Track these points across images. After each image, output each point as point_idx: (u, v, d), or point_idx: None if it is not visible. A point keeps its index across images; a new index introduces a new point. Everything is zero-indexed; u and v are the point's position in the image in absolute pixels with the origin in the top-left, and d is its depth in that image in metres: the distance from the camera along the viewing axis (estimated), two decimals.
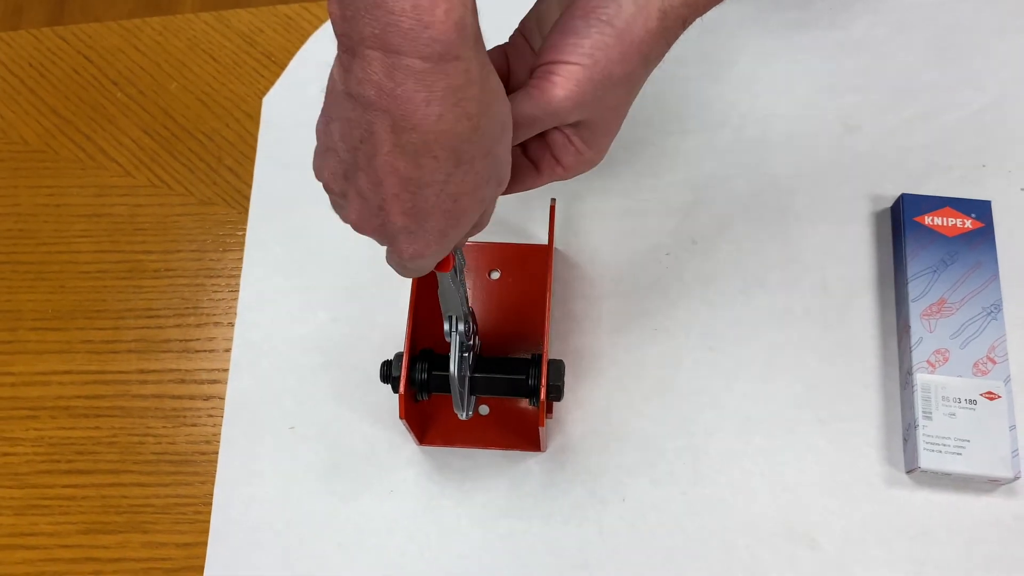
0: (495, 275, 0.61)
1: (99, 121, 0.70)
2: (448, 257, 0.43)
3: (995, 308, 0.55)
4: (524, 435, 0.57)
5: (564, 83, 0.39)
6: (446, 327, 0.50)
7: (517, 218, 0.63)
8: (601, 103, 0.41)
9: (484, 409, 0.58)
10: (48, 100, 0.71)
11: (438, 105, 0.33)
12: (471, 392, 0.53)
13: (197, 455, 0.59)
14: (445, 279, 0.47)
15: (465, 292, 0.50)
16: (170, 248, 0.65)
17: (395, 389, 0.51)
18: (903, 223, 0.59)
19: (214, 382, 0.61)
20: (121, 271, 0.65)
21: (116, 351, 0.62)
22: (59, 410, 0.61)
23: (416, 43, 0.32)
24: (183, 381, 0.61)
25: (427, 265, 0.42)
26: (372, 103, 0.34)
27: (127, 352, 0.62)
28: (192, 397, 0.61)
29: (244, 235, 0.65)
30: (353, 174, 0.37)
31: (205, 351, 0.62)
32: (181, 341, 0.63)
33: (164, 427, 0.60)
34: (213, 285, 0.64)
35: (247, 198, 0.66)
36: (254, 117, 0.69)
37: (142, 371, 0.62)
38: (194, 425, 0.60)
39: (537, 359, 0.52)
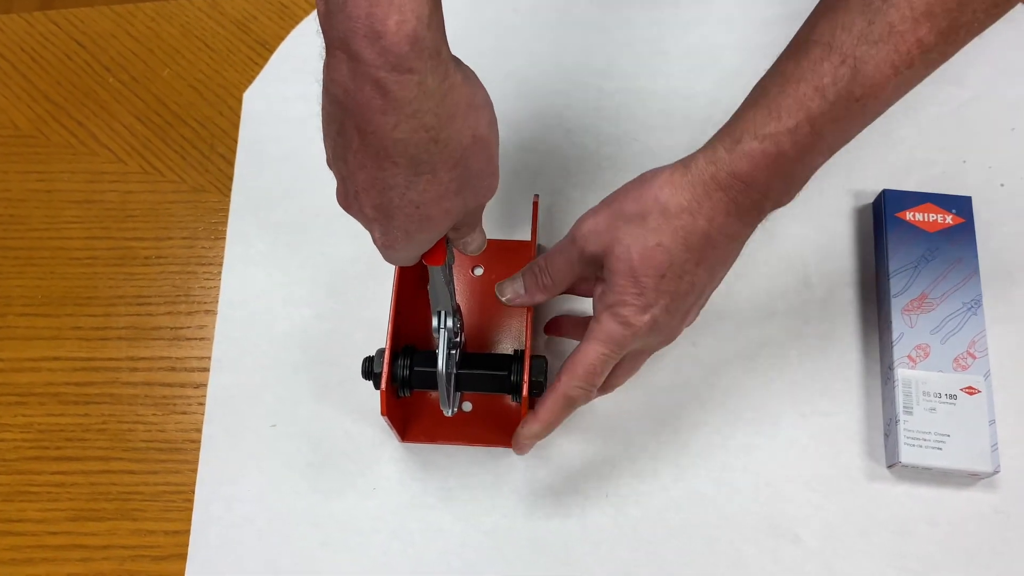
0: (478, 271, 0.61)
1: (91, 107, 0.70)
2: (440, 251, 0.44)
3: (975, 303, 0.56)
4: (507, 431, 0.56)
5: (589, 216, 0.46)
6: (435, 323, 0.50)
7: (501, 214, 0.64)
8: (615, 234, 0.44)
9: (467, 406, 0.59)
10: (40, 85, 0.70)
11: (394, 115, 0.34)
12: (455, 388, 0.53)
13: (187, 443, 0.59)
14: (436, 273, 0.47)
15: (454, 288, 0.50)
16: (161, 235, 0.65)
17: (377, 385, 0.51)
18: (884, 219, 0.59)
19: (204, 370, 0.61)
20: (112, 258, 0.65)
21: (106, 338, 0.62)
22: (48, 396, 0.61)
23: (371, 51, 0.33)
24: (173, 369, 0.61)
25: (403, 258, 0.43)
26: (340, 102, 0.35)
27: (117, 339, 0.62)
28: (182, 385, 0.61)
29: (225, 244, 0.65)
30: (334, 161, 0.40)
31: (196, 339, 0.62)
32: (172, 329, 0.63)
33: (154, 415, 0.60)
34: (205, 273, 0.64)
35: None
36: None
37: (132, 358, 0.62)
38: (184, 413, 0.60)
39: (520, 355, 0.52)
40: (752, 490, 0.55)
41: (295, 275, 0.63)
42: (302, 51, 0.71)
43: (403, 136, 0.35)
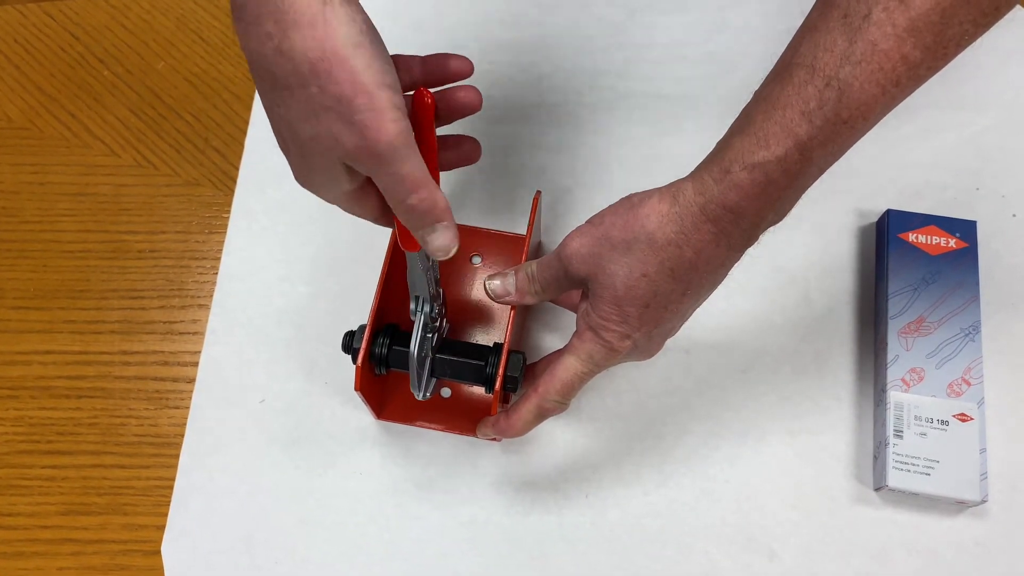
0: (476, 260, 0.61)
1: (85, 99, 0.69)
2: (412, 237, 0.45)
3: (973, 329, 0.55)
4: None
5: (576, 236, 0.45)
6: (412, 307, 0.50)
7: (505, 207, 0.63)
8: (600, 261, 0.44)
9: (446, 392, 0.59)
10: (33, 77, 0.70)
11: (241, 24, 0.38)
12: (431, 374, 0.53)
13: (179, 438, 0.59)
14: (413, 259, 0.48)
15: (437, 275, 0.50)
16: (155, 229, 0.65)
17: (355, 360, 0.51)
18: (887, 239, 0.58)
19: (197, 364, 0.61)
20: (105, 251, 0.65)
21: (99, 332, 0.62)
22: (40, 390, 0.61)
23: None
24: (166, 363, 0.62)
25: (331, 197, 0.44)
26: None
27: (110, 333, 0.62)
28: (175, 379, 0.61)
29: (230, 217, 0.65)
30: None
31: (189, 333, 0.62)
32: (165, 323, 0.63)
33: (146, 409, 0.60)
34: (198, 267, 0.64)
35: (233, 180, 0.66)
36: (242, 98, 0.68)
37: (125, 352, 0.62)
38: (176, 407, 0.60)
39: (498, 348, 0.52)
40: (733, 502, 0.55)
41: (295, 253, 0.63)
42: None
43: (253, 47, 0.36)
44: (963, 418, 0.53)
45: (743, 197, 0.40)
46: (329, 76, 0.36)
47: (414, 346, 0.49)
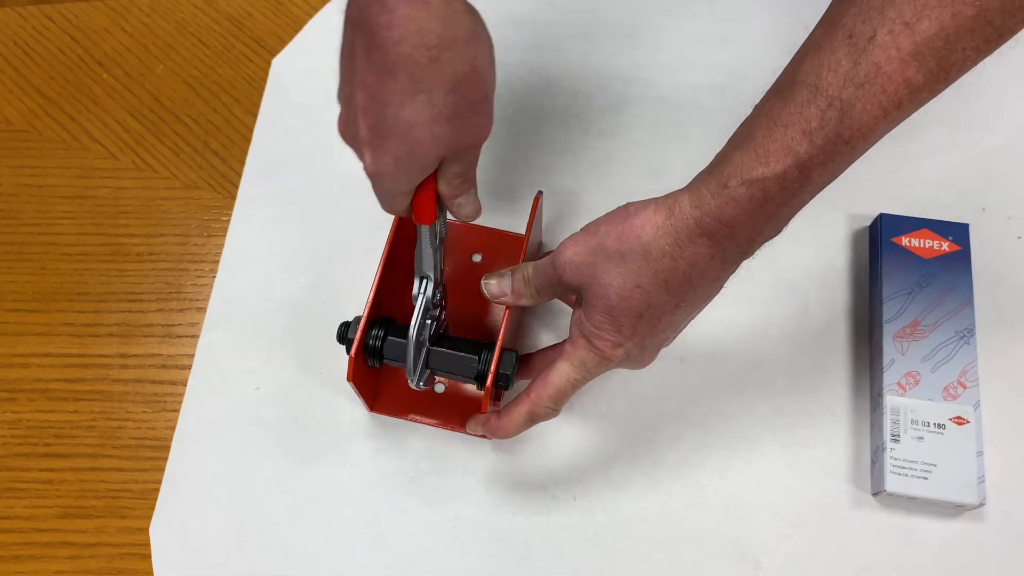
0: (477, 258, 0.61)
1: (84, 102, 0.69)
2: (430, 208, 0.46)
3: (968, 332, 0.56)
4: None
5: (571, 244, 0.45)
6: (415, 288, 0.50)
7: (508, 207, 0.63)
8: (594, 271, 0.44)
9: (440, 387, 0.59)
10: (33, 80, 0.70)
11: (398, 30, 0.38)
12: (425, 365, 0.53)
13: None
14: (424, 234, 0.48)
15: (441, 263, 0.51)
16: (153, 232, 0.65)
17: (348, 351, 0.52)
18: (880, 243, 0.59)
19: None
20: (103, 254, 0.65)
21: (97, 334, 0.62)
22: (38, 393, 0.61)
23: None
24: (164, 366, 0.61)
25: (393, 192, 0.45)
26: (353, 21, 0.40)
27: (108, 336, 0.62)
28: (173, 382, 0.61)
29: (229, 220, 0.65)
30: (340, 89, 0.43)
31: (187, 336, 0.62)
32: (163, 326, 0.63)
33: (144, 412, 0.60)
34: (197, 270, 0.64)
35: (233, 183, 0.66)
36: (242, 101, 0.69)
37: (123, 355, 0.62)
38: (175, 411, 0.60)
39: (492, 346, 0.52)
40: (722, 511, 0.55)
41: (297, 244, 0.63)
42: (334, 24, 0.70)
43: (405, 51, 0.38)
44: (960, 421, 0.54)
45: (740, 212, 0.40)
46: (472, 88, 0.41)
47: (413, 328, 0.50)
